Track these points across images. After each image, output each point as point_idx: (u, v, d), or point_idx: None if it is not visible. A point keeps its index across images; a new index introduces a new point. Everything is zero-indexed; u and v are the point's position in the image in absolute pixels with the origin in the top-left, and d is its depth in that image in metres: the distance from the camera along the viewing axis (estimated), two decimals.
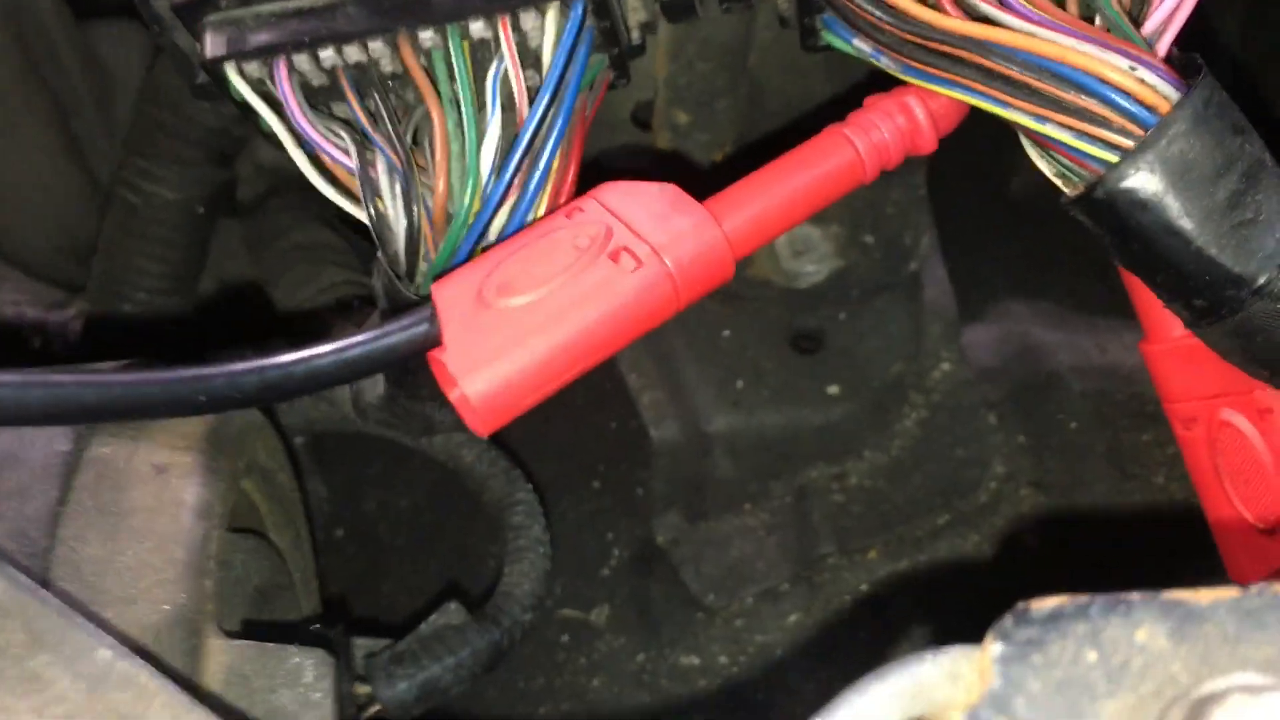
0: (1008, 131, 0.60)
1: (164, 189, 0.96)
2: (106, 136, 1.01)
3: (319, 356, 0.52)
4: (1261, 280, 0.53)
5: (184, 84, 0.66)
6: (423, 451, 0.94)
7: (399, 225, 0.60)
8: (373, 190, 0.60)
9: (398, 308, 0.60)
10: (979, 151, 1.05)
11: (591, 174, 0.62)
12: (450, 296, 0.54)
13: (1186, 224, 0.53)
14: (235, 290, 1.02)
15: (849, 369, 1.00)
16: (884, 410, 1.00)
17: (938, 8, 0.56)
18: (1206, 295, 0.54)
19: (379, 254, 0.61)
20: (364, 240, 1.00)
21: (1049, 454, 0.96)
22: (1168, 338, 0.63)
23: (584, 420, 1.03)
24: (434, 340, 0.53)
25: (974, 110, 0.61)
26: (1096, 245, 0.77)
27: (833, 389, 1.00)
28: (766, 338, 1.00)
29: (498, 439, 0.95)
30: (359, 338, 0.53)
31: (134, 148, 0.96)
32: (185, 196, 0.97)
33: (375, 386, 0.70)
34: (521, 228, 0.59)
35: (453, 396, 0.53)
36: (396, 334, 0.53)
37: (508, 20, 0.58)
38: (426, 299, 0.55)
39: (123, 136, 0.98)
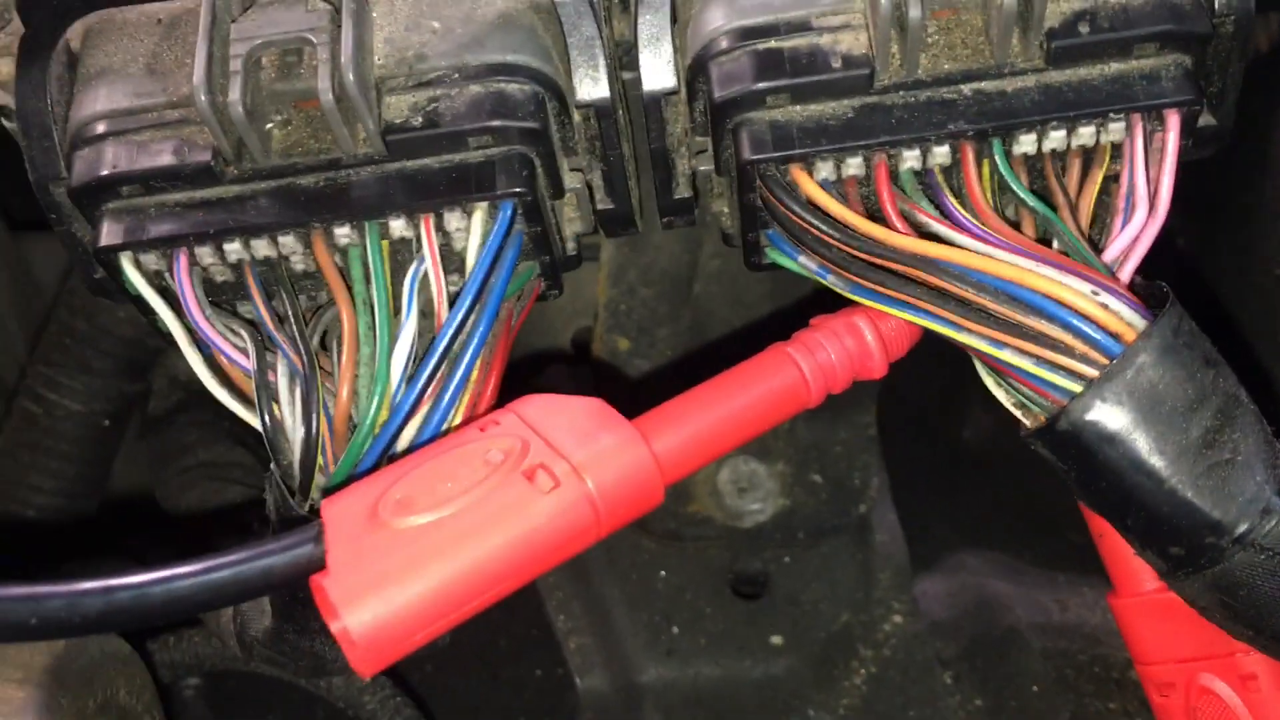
0: (961, 376, 0.56)
1: (68, 399, 0.91)
2: (25, 349, 0.96)
3: (179, 578, 0.45)
4: (1243, 528, 0.48)
5: (79, 278, 0.62)
6: (322, 696, 0.85)
7: (296, 434, 0.54)
8: (269, 395, 0.54)
9: (287, 526, 0.54)
10: (930, 395, 1.02)
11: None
12: (341, 514, 0.47)
13: (1158, 462, 0.48)
14: (138, 507, 0.94)
15: (793, 618, 0.93)
16: (830, 665, 0.92)
17: (886, 224, 0.53)
18: (1183, 542, 0.49)
19: (272, 466, 0.55)
20: None
21: None
22: (1139, 591, 0.57)
23: (503, 667, 0.95)
24: (318, 563, 0.46)
25: (927, 349, 0.58)
26: (1052, 496, 0.73)
27: (775, 639, 0.93)
28: (706, 581, 0.94)
29: (405, 683, 0.86)
30: (229, 557, 0.46)
31: (41, 355, 0.91)
32: (90, 409, 0.91)
33: (262, 618, 0.62)
34: (434, 441, 0.54)
35: (335, 629, 0.46)
36: (275, 554, 0.47)
37: (431, 220, 0.55)
38: (317, 516, 0.49)
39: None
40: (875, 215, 0.54)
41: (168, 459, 0.90)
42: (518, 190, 0.54)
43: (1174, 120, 0.53)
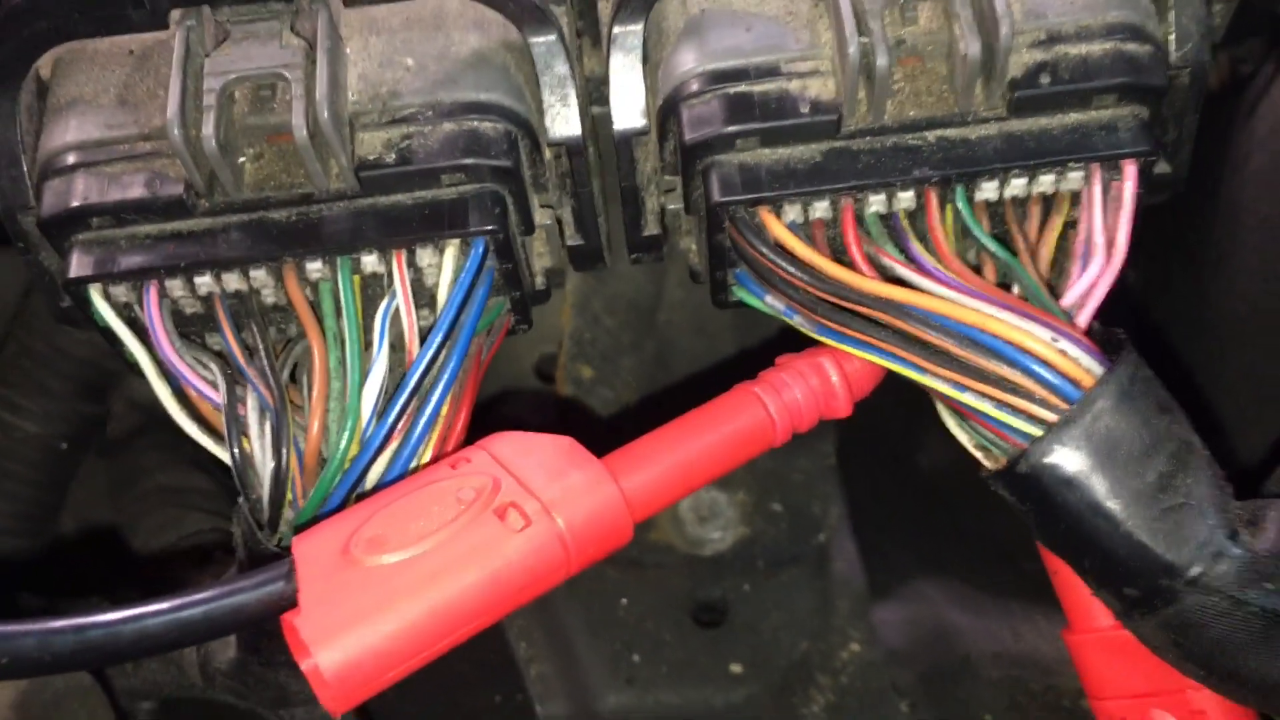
0: (917, 404, 0.57)
1: (26, 421, 0.90)
2: None
3: (150, 615, 0.45)
4: (1195, 570, 0.49)
5: (44, 306, 0.61)
6: None
7: (265, 468, 0.54)
8: (239, 429, 0.54)
9: (256, 561, 0.54)
10: (890, 425, 1.04)
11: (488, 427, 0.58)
12: (312, 551, 0.48)
13: (1115, 505, 0.50)
14: (95, 533, 0.93)
15: (753, 646, 0.94)
16: (789, 693, 0.93)
17: (852, 267, 0.54)
18: (1138, 584, 0.50)
19: (240, 500, 0.55)
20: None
21: None
22: (1094, 627, 0.58)
23: (463, 693, 0.95)
24: (290, 601, 0.47)
25: (886, 380, 0.59)
26: (1007, 526, 0.74)
27: (735, 667, 0.93)
28: (667, 608, 0.94)
29: (364, 709, 0.86)
30: (200, 595, 0.46)
31: None
32: (47, 431, 0.90)
33: (226, 649, 0.62)
34: (403, 476, 0.54)
35: (305, 667, 0.46)
36: (246, 592, 0.47)
37: (403, 255, 0.55)
38: (287, 552, 0.49)
39: None
40: (841, 257, 0.55)
41: (126, 483, 0.89)
42: (490, 228, 0.55)
43: (1131, 170, 0.54)
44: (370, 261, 0.55)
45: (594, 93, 0.61)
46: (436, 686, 0.94)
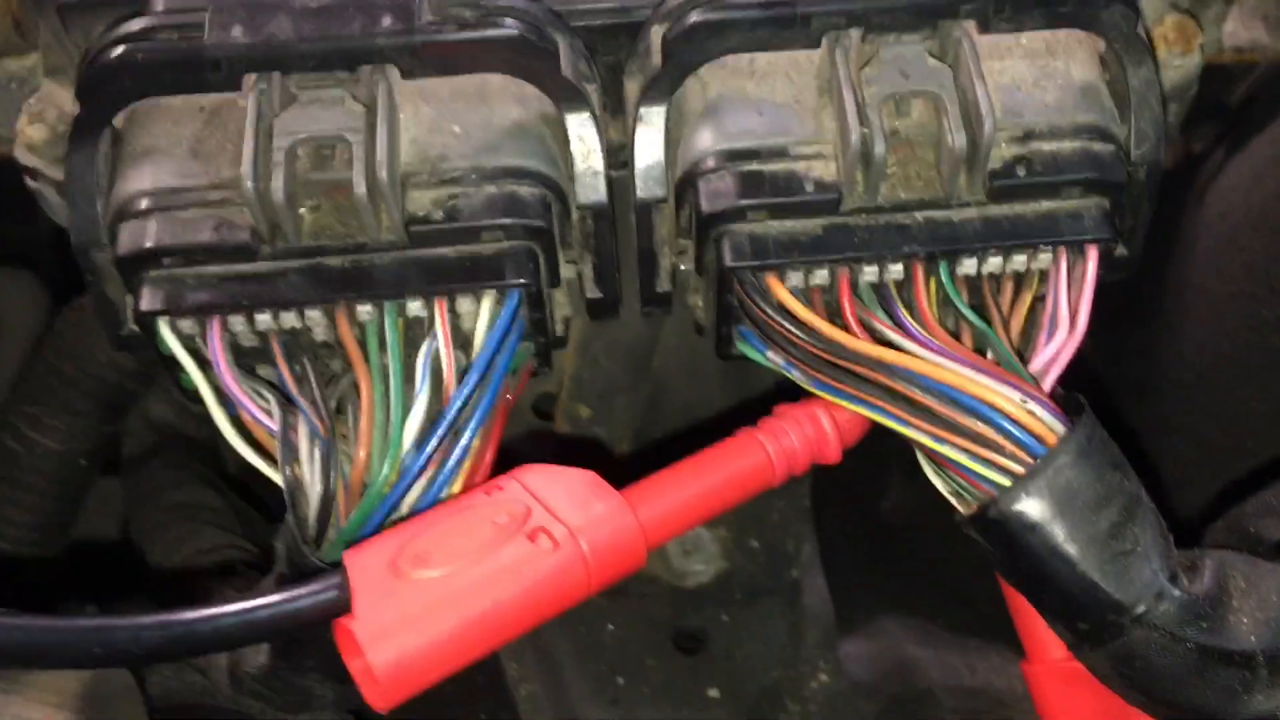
0: (883, 456, 0.63)
1: (49, 438, 0.94)
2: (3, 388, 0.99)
3: (225, 615, 0.50)
4: (1140, 609, 0.56)
5: (102, 333, 0.67)
6: None
7: (314, 490, 0.60)
8: (291, 453, 0.60)
9: (299, 574, 0.59)
10: (858, 472, 1.10)
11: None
12: (364, 564, 0.53)
13: (1071, 549, 0.56)
14: (109, 545, 0.98)
15: (729, 672, 1.00)
16: (761, 717, 0.99)
17: (846, 329, 0.61)
18: (1089, 619, 0.57)
19: (287, 517, 0.60)
20: (246, 504, 0.98)
21: None
22: (1048, 659, 0.65)
23: (450, 709, 1.00)
24: (343, 607, 0.52)
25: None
26: (963, 570, 0.81)
27: (712, 691, 0.99)
28: (650, 635, 1.00)
29: None
30: (268, 599, 0.52)
31: (25, 394, 0.94)
32: (69, 448, 0.95)
33: (257, 655, 0.67)
34: (434, 504, 0.60)
35: (355, 667, 0.52)
36: (305, 598, 0.52)
37: (444, 302, 0.61)
38: (333, 566, 0.55)
39: (7, 381, 0.96)
40: (836, 320, 0.61)
41: (143, 498, 0.94)
42: (524, 281, 0.61)
43: (1093, 254, 0.61)
44: (415, 307, 0.61)
45: (613, 158, 0.68)
46: (426, 705, 0.99)
